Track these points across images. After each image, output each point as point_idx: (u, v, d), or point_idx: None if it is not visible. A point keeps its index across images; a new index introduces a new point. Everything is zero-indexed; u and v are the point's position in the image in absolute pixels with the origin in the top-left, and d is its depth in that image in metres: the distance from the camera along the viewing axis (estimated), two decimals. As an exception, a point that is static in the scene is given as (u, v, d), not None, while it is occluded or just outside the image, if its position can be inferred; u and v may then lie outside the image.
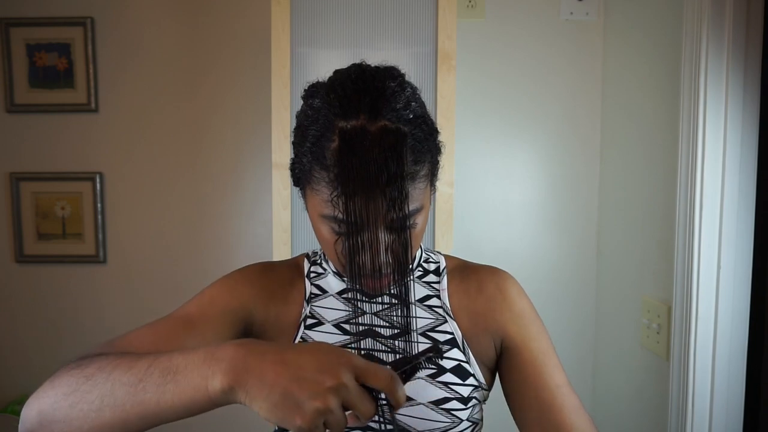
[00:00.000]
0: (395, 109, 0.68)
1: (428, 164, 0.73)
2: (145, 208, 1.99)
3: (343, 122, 0.66)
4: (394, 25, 1.45)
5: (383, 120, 0.66)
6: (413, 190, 0.69)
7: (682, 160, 1.28)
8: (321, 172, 0.68)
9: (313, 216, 0.73)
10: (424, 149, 0.71)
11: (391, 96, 0.68)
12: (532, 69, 1.79)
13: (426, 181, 0.73)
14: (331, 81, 0.72)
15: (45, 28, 1.93)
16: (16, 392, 2.03)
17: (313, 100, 0.71)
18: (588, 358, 1.84)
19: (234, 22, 1.94)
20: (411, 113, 0.70)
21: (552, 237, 1.83)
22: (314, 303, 0.84)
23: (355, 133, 0.65)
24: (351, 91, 0.68)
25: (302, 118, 0.73)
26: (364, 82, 0.69)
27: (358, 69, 0.72)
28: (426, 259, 0.89)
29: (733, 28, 1.19)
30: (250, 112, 1.95)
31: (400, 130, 0.66)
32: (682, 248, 1.28)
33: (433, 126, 0.75)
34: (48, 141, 1.98)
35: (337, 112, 0.67)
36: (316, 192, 0.70)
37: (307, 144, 0.70)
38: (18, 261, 2.01)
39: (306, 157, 0.70)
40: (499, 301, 0.82)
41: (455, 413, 0.76)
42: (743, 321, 1.25)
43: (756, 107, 1.22)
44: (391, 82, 0.70)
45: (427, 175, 0.73)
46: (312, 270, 0.87)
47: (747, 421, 1.26)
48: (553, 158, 1.81)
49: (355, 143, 0.65)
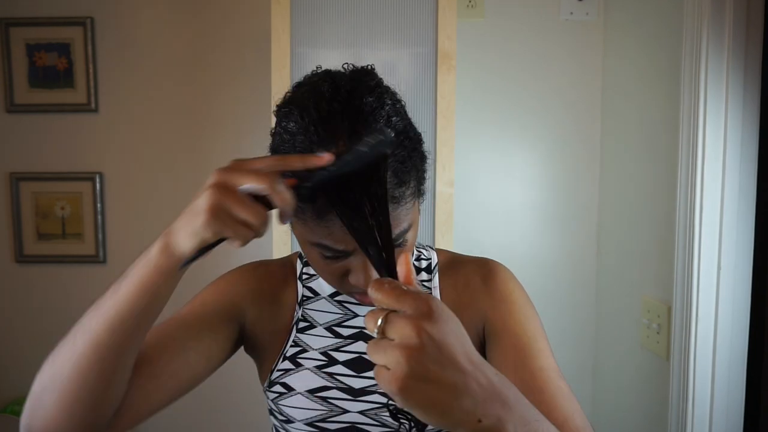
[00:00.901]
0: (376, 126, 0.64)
1: (413, 181, 0.70)
2: (145, 208, 1.99)
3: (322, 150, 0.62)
4: (393, 25, 1.45)
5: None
6: (400, 212, 0.67)
7: (683, 160, 1.27)
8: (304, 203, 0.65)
9: (301, 241, 0.72)
10: (408, 167, 0.68)
11: (370, 115, 0.65)
12: (532, 69, 1.79)
13: (413, 199, 0.70)
14: (303, 100, 0.67)
15: (45, 28, 1.93)
16: (16, 393, 2.03)
17: (287, 122, 0.67)
18: (588, 358, 1.84)
19: (234, 22, 1.94)
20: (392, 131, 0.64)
21: (552, 237, 1.82)
22: (306, 306, 0.84)
23: None
24: (326, 113, 0.64)
25: (278, 142, 0.68)
26: (340, 103, 0.65)
27: (331, 85, 0.67)
28: (417, 257, 0.87)
29: (733, 27, 1.19)
30: (249, 111, 1.95)
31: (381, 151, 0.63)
32: (682, 248, 1.28)
33: (416, 138, 0.72)
34: (48, 141, 1.98)
35: (314, 139, 0.63)
36: (301, 221, 0.68)
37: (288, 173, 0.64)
38: (18, 261, 2.01)
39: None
40: (481, 290, 0.81)
41: None
42: (743, 321, 1.25)
43: (756, 107, 1.22)
44: (369, 97, 0.66)
45: (414, 193, 0.70)
46: (304, 271, 0.87)
47: (747, 421, 1.26)
48: (554, 158, 1.81)
49: None
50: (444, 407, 0.47)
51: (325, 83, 0.67)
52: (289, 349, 0.81)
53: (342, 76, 0.69)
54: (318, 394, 0.77)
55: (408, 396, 0.46)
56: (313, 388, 0.78)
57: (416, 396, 0.46)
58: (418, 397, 0.46)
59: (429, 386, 0.46)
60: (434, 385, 0.46)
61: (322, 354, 0.80)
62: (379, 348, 0.48)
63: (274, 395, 0.80)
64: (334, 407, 0.77)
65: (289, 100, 0.70)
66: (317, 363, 0.79)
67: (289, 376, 0.79)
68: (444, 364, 0.47)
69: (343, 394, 0.77)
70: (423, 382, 0.46)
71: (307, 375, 0.78)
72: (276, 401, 0.79)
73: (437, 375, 0.46)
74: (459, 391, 0.47)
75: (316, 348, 0.80)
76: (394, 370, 0.46)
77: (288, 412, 0.78)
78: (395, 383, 0.46)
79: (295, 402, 0.77)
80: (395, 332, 0.48)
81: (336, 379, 0.78)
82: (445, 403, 0.47)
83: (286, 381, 0.79)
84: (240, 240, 0.57)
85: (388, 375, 0.46)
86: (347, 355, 0.80)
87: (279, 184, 0.56)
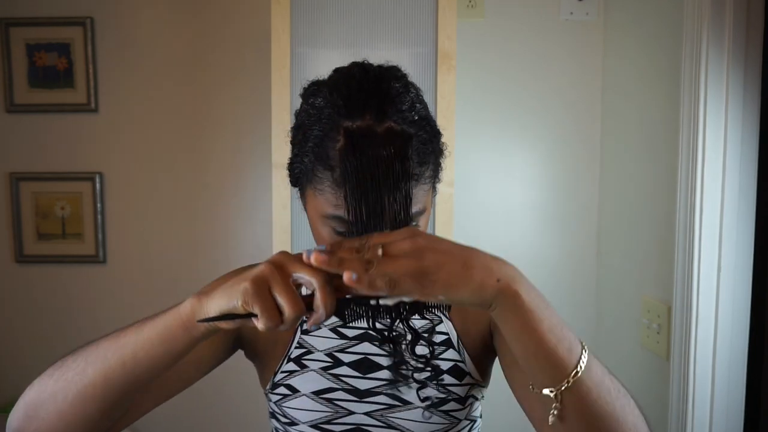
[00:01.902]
0: (401, 110, 0.67)
1: (432, 165, 0.72)
2: (145, 208, 1.99)
3: (349, 122, 0.65)
4: (393, 25, 1.45)
5: (389, 121, 0.65)
6: (418, 191, 0.68)
7: (683, 160, 1.27)
8: (324, 172, 0.66)
9: (314, 216, 0.72)
10: (428, 151, 0.70)
11: (397, 97, 0.67)
12: (532, 69, 1.79)
13: (429, 183, 0.72)
14: (333, 80, 0.71)
15: (45, 28, 1.93)
16: (16, 392, 2.02)
17: (315, 99, 0.69)
18: (588, 358, 1.83)
19: (234, 22, 1.93)
20: (416, 115, 0.68)
21: (552, 237, 1.82)
22: None
23: (361, 132, 0.64)
24: (356, 90, 0.67)
25: (303, 117, 0.71)
26: (369, 82, 0.68)
27: (361, 69, 0.71)
28: None
29: (733, 28, 1.19)
30: (249, 111, 1.95)
31: (405, 131, 0.66)
32: (682, 248, 1.28)
33: (436, 128, 0.74)
34: (48, 141, 1.98)
35: (342, 112, 0.66)
36: (318, 192, 0.68)
37: (309, 144, 0.68)
38: (18, 261, 2.01)
39: (308, 157, 0.68)
40: None
41: (453, 414, 0.76)
42: (743, 321, 1.25)
43: (756, 107, 1.22)
44: (396, 83, 0.69)
45: (431, 177, 0.72)
46: None
47: (747, 421, 1.26)
48: (554, 158, 1.81)
49: (362, 143, 0.64)
50: (464, 279, 0.53)
51: (355, 68, 0.71)
52: (294, 350, 0.81)
53: (371, 66, 0.73)
54: (323, 396, 0.77)
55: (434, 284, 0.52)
56: (319, 390, 0.78)
57: (440, 282, 0.52)
58: (442, 281, 0.52)
59: (446, 271, 0.53)
60: (449, 267, 0.53)
61: (327, 355, 0.80)
62: (393, 261, 0.52)
63: (278, 397, 0.79)
64: (339, 409, 0.77)
65: (318, 82, 0.73)
66: (323, 364, 0.79)
67: (294, 377, 0.79)
68: (449, 251, 0.54)
69: (348, 395, 0.77)
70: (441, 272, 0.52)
71: (313, 376, 0.78)
72: (279, 403, 0.79)
73: (449, 260, 0.53)
74: (471, 262, 0.54)
75: (321, 349, 0.80)
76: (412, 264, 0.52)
77: (292, 414, 0.78)
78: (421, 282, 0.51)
79: (300, 404, 0.77)
80: (400, 249, 0.53)
81: (341, 380, 0.78)
82: (464, 275, 0.53)
83: (291, 383, 0.79)
84: (265, 323, 0.54)
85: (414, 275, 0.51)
86: (353, 356, 0.80)
87: (330, 285, 0.55)
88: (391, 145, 0.64)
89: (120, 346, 0.61)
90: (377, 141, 0.64)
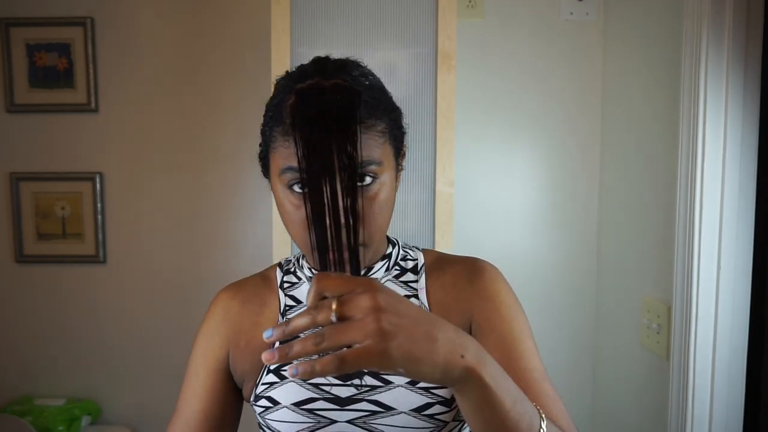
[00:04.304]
0: (350, 74, 0.71)
1: (384, 124, 0.73)
2: (145, 208, 1.99)
3: (300, 84, 0.70)
4: (394, 25, 1.45)
5: (337, 79, 0.69)
6: (368, 140, 0.70)
7: (682, 160, 1.27)
8: (278, 128, 0.70)
9: (276, 188, 0.74)
10: (379, 108, 0.72)
11: (348, 67, 0.72)
12: (532, 69, 1.79)
13: (384, 137, 0.73)
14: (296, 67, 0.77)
15: (45, 28, 1.93)
16: (16, 392, 2.03)
17: (279, 82, 0.75)
18: (588, 358, 1.84)
19: (234, 22, 1.94)
20: (366, 81, 0.72)
21: (552, 237, 1.83)
22: (290, 315, 0.82)
23: (309, 87, 0.68)
24: (310, 64, 0.73)
25: (268, 101, 0.76)
26: (325, 60, 0.74)
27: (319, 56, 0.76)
28: (404, 257, 0.85)
29: (733, 28, 1.19)
30: (249, 112, 1.94)
31: (353, 87, 0.69)
32: (682, 248, 1.28)
33: (392, 101, 0.77)
34: (48, 141, 1.98)
35: (296, 79, 0.71)
36: (272, 150, 0.72)
37: (269, 114, 0.73)
38: (18, 261, 2.01)
39: (267, 126, 0.73)
40: (469, 290, 0.80)
41: (439, 417, 0.74)
42: (743, 321, 1.25)
43: (756, 107, 1.22)
44: (350, 62, 0.74)
45: (384, 132, 0.73)
46: (285, 280, 0.86)
47: (747, 421, 1.26)
48: (554, 158, 1.81)
49: (309, 95, 0.67)
50: (427, 353, 0.50)
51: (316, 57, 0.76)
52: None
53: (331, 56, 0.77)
54: (304, 407, 0.76)
55: (392, 356, 0.48)
56: (299, 401, 0.76)
57: (399, 352, 0.48)
58: (402, 352, 0.49)
59: (407, 340, 0.49)
60: (411, 337, 0.49)
61: None
62: (346, 328, 0.49)
63: (261, 409, 0.78)
64: (321, 418, 0.75)
65: None
66: None
67: (274, 389, 0.77)
68: (411, 317, 0.51)
69: (330, 404, 0.76)
70: (401, 338, 0.49)
71: (292, 387, 0.77)
72: (263, 415, 0.78)
73: (410, 328, 0.50)
74: (434, 333, 0.51)
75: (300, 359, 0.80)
76: (371, 340, 0.48)
77: (275, 426, 0.77)
78: (378, 349, 0.48)
79: (282, 416, 0.76)
80: (355, 308, 0.50)
81: (322, 389, 0.76)
82: (427, 349, 0.50)
83: (271, 395, 0.77)
84: None
85: (367, 347, 0.48)
86: None
87: None
88: (338, 94, 0.67)
89: None
90: (325, 94, 0.67)
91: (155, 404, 2.00)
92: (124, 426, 2.00)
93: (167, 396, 2.12)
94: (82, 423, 1.90)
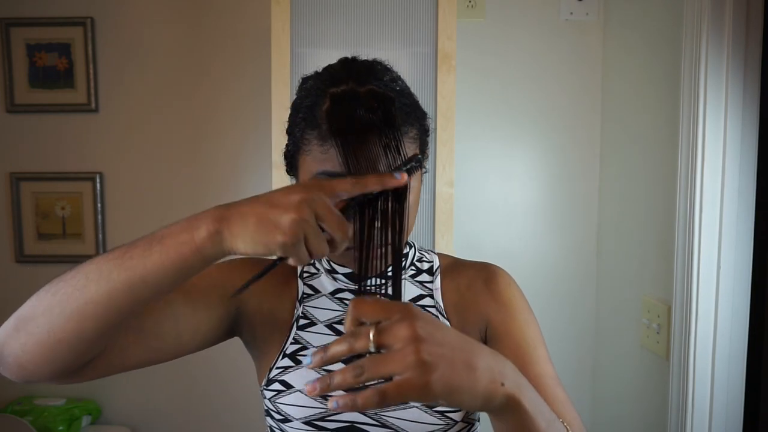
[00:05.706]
0: (382, 80, 0.72)
1: (416, 130, 0.75)
2: (145, 208, 1.99)
3: (334, 88, 0.70)
4: (394, 25, 1.45)
5: (371, 85, 0.70)
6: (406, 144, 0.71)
7: (682, 159, 1.28)
8: (312, 132, 0.70)
9: None
10: (411, 115, 0.74)
11: (379, 72, 0.73)
12: (532, 69, 1.79)
13: (415, 143, 0.74)
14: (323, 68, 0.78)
15: (45, 28, 1.93)
16: (16, 392, 2.03)
17: (306, 83, 0.76)
18: (588, 358, 1.84)
19: (234, 22, 1.93)
20: (398, 87, 0.74)
21: (552, 237, 1.83)
22: (307, 303, 0.83)
23: (344, 93, 0.69)
24: (340, 67, 0.74)
25: (296, 101, 0.76)
26: (353, 62, 0.75)
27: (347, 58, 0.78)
28: (420, 258, 0.88)
29: (733, 28, 1.19)
30: (250, 112, 1.95)
31: (387, 93, 0.70)
32: (682, 248, 1.28)
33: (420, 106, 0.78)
34: (48, 141, 1.98)
35: (328, 83, 0.71)
36: (306, 153, 0.72)
37: (300, 115, 0.73)
38: (18, 261, 2.01)
39: (298, 127, 0.73)
40: (484, 293, 0.82)
41: (449, 415, 0.75)
42: (743, 321, 1.25)
43: (756, 107, 1.22)
44: (378, 66, 0.75)
45: (416, 138, 0.75)
46: (305, 270, 0.87)
47: (747, 421, 1.26)
48: (553, 158, 1.81)
49: (345, 101, 0.68)
50: (468, 383, 0.50)
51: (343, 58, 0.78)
52: (289, 346, 0.81)
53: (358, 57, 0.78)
54: None
55: (434, 389, 0.48)
56: None
57: (440, 384, 0.48)
58: (443, 384, 0.48)
59: (448, 370, 0.49)
60: (452, 367, 0.49)
61: None
62: (386, 360, 0.49)
63: (272, 393, 0.79)
64: None
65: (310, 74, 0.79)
66: None
67: (288, 373, 0.79)
68: (450, 345, 0.50)
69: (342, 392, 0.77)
70: (442, 369, 0.48)
71: (307, 372, 0.78)
72: (274, 399, 0.79)
73: (450, 357, 0.49)
74: (474, 362, 0.51)
75: (316, 345, 0.80)
76: (412, 372, 0.48)
77: (286, 410, 0.78)
78: (420, 383, 0.48)
79: (294, 400, 0.77)
80: (394, 337, 0.49)
81: None
82: (468, 378, 0.50)
83: (285, 378, 0.78)
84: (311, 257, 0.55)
85: (408, 380, 0.48)
86: None
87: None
88: (373, 101, 0.68)
89: (127, 268, 0.59)
90: (360, 100, 0.68)
91: (155, 404, 1.99)
92: (124, 426, 2.00)
93: (167, 396, 2.13)
94: (82, 423, 1.90)
